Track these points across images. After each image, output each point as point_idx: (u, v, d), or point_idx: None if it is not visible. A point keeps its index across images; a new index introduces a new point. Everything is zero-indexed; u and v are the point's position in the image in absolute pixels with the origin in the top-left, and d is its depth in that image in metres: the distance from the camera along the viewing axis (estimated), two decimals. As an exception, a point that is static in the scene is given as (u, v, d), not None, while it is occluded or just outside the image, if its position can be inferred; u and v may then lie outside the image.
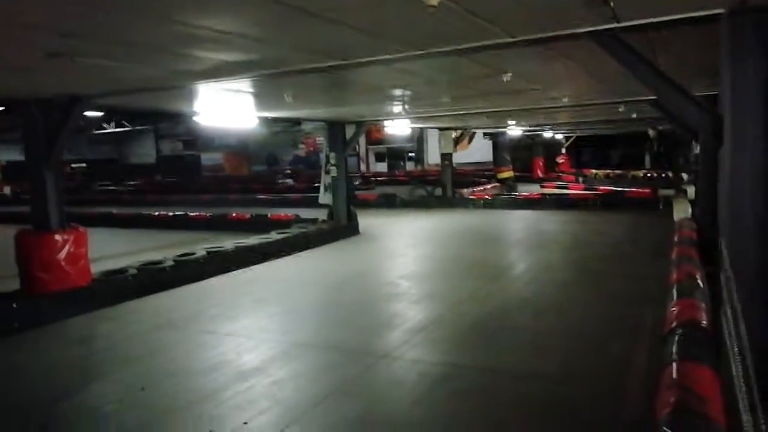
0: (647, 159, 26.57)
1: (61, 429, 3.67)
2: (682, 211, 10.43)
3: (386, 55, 4.18)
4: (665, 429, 2.59)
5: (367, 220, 12.27)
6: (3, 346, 5.21)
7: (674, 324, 4.20)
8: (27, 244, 6.10)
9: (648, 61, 3.92)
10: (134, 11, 2.89)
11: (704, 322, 4.11)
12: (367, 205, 16.67)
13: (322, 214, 11.80)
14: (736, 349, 3.09)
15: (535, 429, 3.41)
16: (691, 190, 12.15)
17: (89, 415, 3.76)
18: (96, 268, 6.68)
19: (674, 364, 3.46)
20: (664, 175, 20.18)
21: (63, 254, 6.08)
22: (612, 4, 3.04)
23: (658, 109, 9.36)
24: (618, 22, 3.43)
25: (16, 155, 29.31)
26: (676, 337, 3.89)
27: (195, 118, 8.57)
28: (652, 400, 3.27)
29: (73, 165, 34.09)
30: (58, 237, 6.12)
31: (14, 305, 5.70)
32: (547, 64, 5.59)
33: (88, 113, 8.36)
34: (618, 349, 4.63)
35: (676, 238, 7.73)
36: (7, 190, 24.77)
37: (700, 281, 5.19)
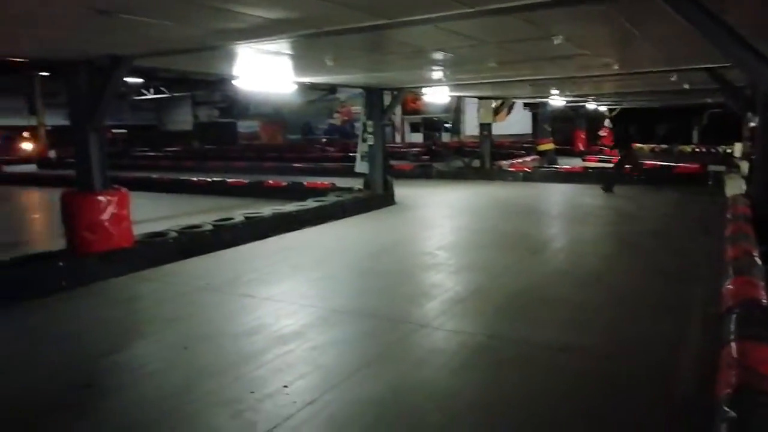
0: (695, 133, 25.49)
1: (106, 384, 3.74)
2: (735, 187, 9.96)
3: (434, 12, 3.97)
4: (727, 409, 2.45)
5: (403, 191, 12.13)
6: (51, 303, 5.34)
7: (732, 302, 4.01)
8: (72, 204, 6.20)
9: (718, 18, 3.62)
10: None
11: (764, 300, 3.91)
12: (404, 175, 16.50)
13: (357, 183, 11.72)
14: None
15: (575, 403, 3.28)
16: (744, 166, 11.56)
17: (134, 372, 3.81)
18: (137, 231, 6.76)
19: (734, 344, 3.29)
20: (713, 150, 19.32)
21: (106, 215, 6.17)
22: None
23: (713, 79, 8.86)
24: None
25: (60, 120, 30.14)
26: (735, 316, 3.70)
27: (233, 82, 8.52)
28: (708, 379, 3.13)
29: (114, 130, 34.84)
30: (101, 198, 6.20)
31: (61, 264, 5.84)
32: (600, 27, 5.27)
33: (129, 79, 8.46)
34: (666, 324, 4.44)
35: (729, 215, 7.39)
36: (52, 153, 25.47)
37: (757, 259, 4.95)
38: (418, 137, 35.08)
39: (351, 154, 20.12)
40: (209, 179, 14.75)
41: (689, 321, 4.56)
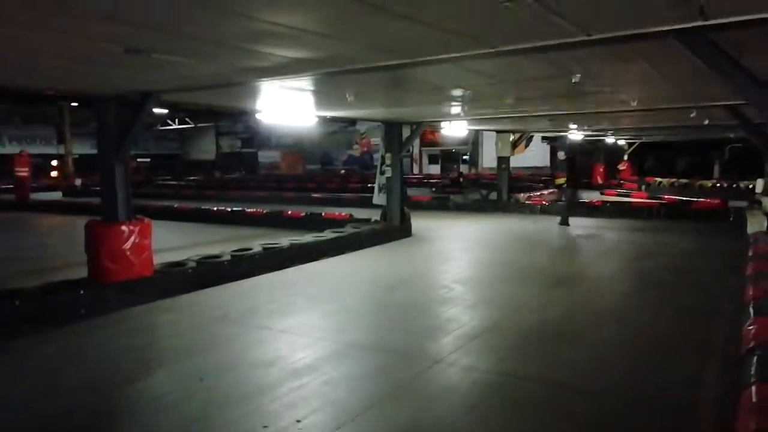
0: (716, 168, 25.23)
1: (125, 413, 3.77)
2: (756, 224, 9.82)
3: (455, 53, 4.08)
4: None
5: (420, 223, 12.17)
6: (71, 331, 5.43)
7: (752, 343, 3.94)
8: (96, 233, 6.35)
9: (738, 62, 3.66)
10: (210, 8, 2.92)
11: (784, 342, 3.83)
12: (420, 207, 16.57)
13: (375, 214, 11.79)
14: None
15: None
16: (766, 202, 11.40)
17: (151, 402, 3.85)
18: (157, 260, 6.88)
19: (754, 387, 3.23)
20: (735, 185, 19.08)
21: (129, 245, 6.30)
22: (701, 0, 2.84)
23: (733, 115, 8.84)
24: (706, 20, 3.20)
25: (87, 149, 30.97)
26: (756, 358, 3.64)
27: (257, 116, 8.73)
28: (728, 424, 3.06)
29: (138, 159, 35.65)
30: (125, 228, 6.34)
31: (82, 292, 5.95)
32: (619, 65, 5.34)
33: (156, 110, 8.74)
34: (685, 366, 4.36)
35: (750, 253, 7.29)
36: (78, 182, 26.10)
37: (779, 299, 4.85)
38: (435, 168, 35.29)
39: (370, 185, 20.31)
40: (229, 209, 14.96)
41: (710, 362, 4.47)
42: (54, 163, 28.71)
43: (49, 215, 17.66)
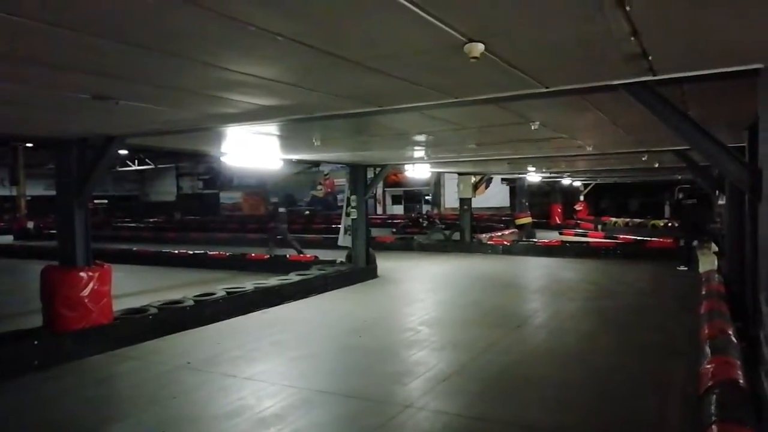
0: (667, 208, 26.33)
1: (80, 473, 3.59)
2: (707, 263, 10.24)
3: (420, 102, 4.23)
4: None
5: (385, 263, 12.20)
6: (22, 385, 5.16)
7: (711, 383, 4.07)
8: (52, 280, 6.13)
9: (683, 112, 3.92)
10: (181, 57, 2.97)
11: (741, 381, 3.98)
12: (385, 247, 16.63)
13: (340, 255, 11.77)
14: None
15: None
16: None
17: (109, 459, 3.68)
18: (117, 306, 6.67)
19: (715, 427, 3.33)
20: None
21: (87, 291, 6.09)
22: (650, 58, 3.06)
23: (681, 159, 9.34)
24: (654, 75, 3.45)
25: (40, 190, 30.02)
26: (714, 397, 3.76)
27: (222, 159, 8.71)
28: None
29: (96, 201, 34.71)
30: (83, 274, 6.14)
31: (36, 342, 5.69)
32: (576, 114, 5.62)
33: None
34: (649, 406, 4.46)
35: (704, 292, 7.57)
36: (30, 224, 25.16)
37: (733, 337, 5.05)
38: (399, 209, 35.61)
39: (334, 226, 20.27)
40: (191, 252, 14.67)
41: (670, 401, 4.59)
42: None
43: (-2, 260, 16.91)
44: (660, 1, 2.26)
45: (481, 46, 2.71)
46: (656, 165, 12.95)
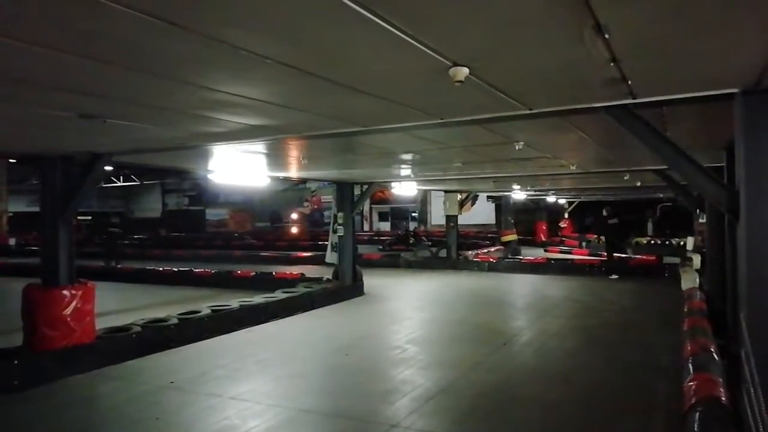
0: (650, 225, 26.68)
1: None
2: (689, 280, 10.38)
3: (408, 123, 4.30)
4: None
5: (371, 280, 12.19)
6: (1, 405, 5.06)
7: (693, 400, 4.12)
8: (35, 298, 6.04)
9: (661, 134, 4.02)
10: (171, 78, 3.00)
11: (724, 398, 4.03)
12: (372, 264, 16.62)
13: (326, 272, 11.74)
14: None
15: None
16: (696, 259, 12.12)
17: (90, 482, 3.61)
18: (100, 325, 6.58)
19: (699, 444, 3.36)
20: (668, 242, 20.19)
21: (70, 310, 6.02)
22: (630, 82, 3.15)
23: (662, 178, 9.52)
24: (634, 99, 3.55)
25: (23, 206, 29.63)
26: (697, 415, 3.80)
27: (209, 176, 8.71)
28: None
29: (79, 217, 34.30)
30: (66, 292, 6.07)
31: (15, 362, 5.59)
32: (559, 135, 5.72)
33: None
34: (634, 423, 4.51)
35: (686, 308, 7.68)
36: (12, 241, 24.77)
37: (715, 355, 5.13)
38: (386, 225, 35.68)
39: (321, 243, 20.22)
40: (176, 269, 14.54)
41: (654, 419, 4.63)
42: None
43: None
44: (637, 30, 2.34)
45: (465, 70, 2.77)
46: (638, 184, 13.17)
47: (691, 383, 4.41)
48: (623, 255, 15.49)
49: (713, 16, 2.22)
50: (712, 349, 5.21)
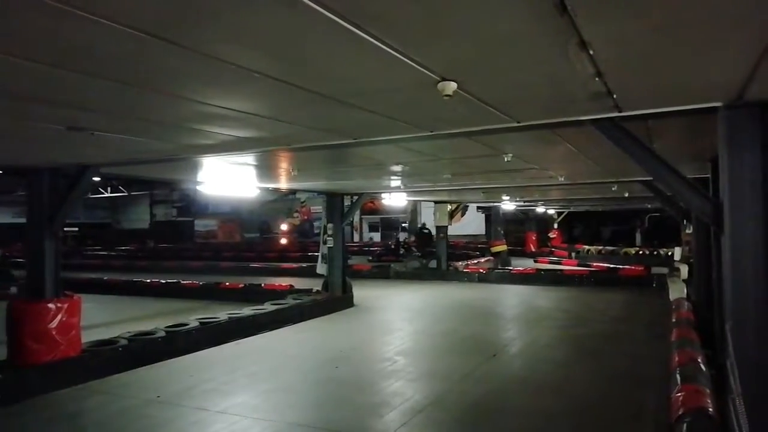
0: (638, 236, 26.91)
1: None
2: (677, 290, 10.47)
3: (397, 135, 4.32)
4: None
5: (361, 292, 12.16)
6: (-15, 420, 4.98)
7: (681, 411, 4.14)
8: (19, 312, 5.96)
9: (647, 147, 4.07)
10: (161, 92, 3.00)
11: (711, 409, 4.06)
12: (362, 275, 16.59)
13: (316, 284, 11.71)
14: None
15: None
16: (684, 270, 12.24)
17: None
18: (86, 338, 6.51)
19: (687, 456, 3.38)
20: (656, 252, 20.37)
21: (55, 323, 5.94)
22: (615, 96, 3.20)
23: (650, 189, 9.62)
24: (620, 112, 3.59)
25: (8, 218, 29.29)
26: (685, 426, 3.82)
27: (198, 187, 8.67)
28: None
29: (66, 229, 33.93)
30: (51, 305, 5.99)
31: (0, 376, 5.50)
32: (547, 147, 5.78)
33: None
34: (623, 433, 4.52)
35: (674, 319, 7.73)
36: (-4, 253, 24.40)
37: (702, 365, 5.16)
38: (376, 236, 35.65)
39: (310, 254, 20.15)
40: (163, 281, 14.42)
41: (643, 429, 4.65)
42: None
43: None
44: (621, 46, 2.38)
45: (454, 85, 2.80)
46: (626, 194, 13.30)
47: (679, 394, 4.44)
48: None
49: (695, 33, 2.27)
50: (700, 360, 5.24)
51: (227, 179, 8.20)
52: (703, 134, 4.83)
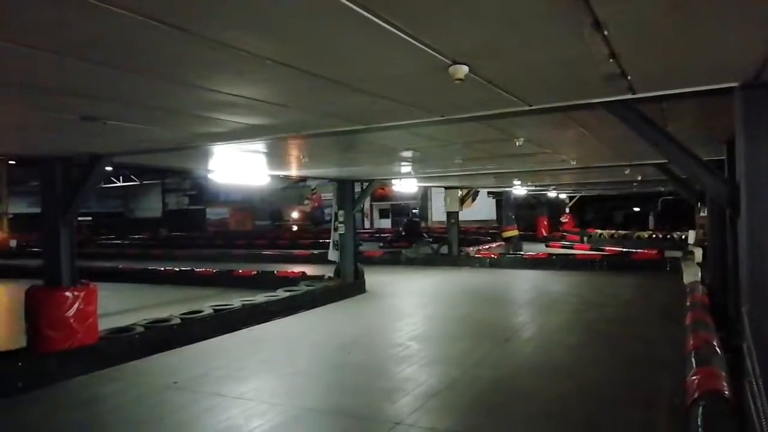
0: (651, 219, 26.66)
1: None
2: (691, 274, 10.38)
3: (408, 120, 4.30)
4: None
5: (373, 278, 12.20)
6: (6, 407, 5.08)
7: (696, 394, 4.12)
8: (37, 300, 6.05)
9: (661, 129, 4.01)
10: (173, 80, 3.00)
11: (726, 392, 4.04)
12: (373, 261, 16.63)
13: (328, 270, 11.76)
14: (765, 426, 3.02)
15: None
16: (698, 253, 12.11)
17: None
18: (102, 325, 6.60)
19: (702, 439, 3.37)
20: (669, 236, 20.19)
21: (72, 311, 6.03)
22: (629, 77, 3.15)
23: (663, 172, 9.51)
24: (634, 94, 3.54)
25: (24, 208, 29.64)
26: (701, 409, 3.81)
27: (210, 175, 8.71)
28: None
29: (79, 218, 34.28)
30: (68, 294, 6.08)
31: (19, 364, 5.60)
32: (559, 130, 5.72)
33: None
34: (637, 418, 4.51)
35: (688, 303, 7.68)
36: (13, 243, 24.78)
37: (717, 348, 5.13)
38: (386, 222, 35.67)
39: (322, 241, 20.23)
40: (177, 269, 14.56)
41: (658, 413, 4.63)
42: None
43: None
44: (636, 26, 2.34)
45: (465, 68, 2.77)
46: (639, 178, 13.17)
47: (694, 377, 4.42)
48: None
49: (712, 11, 2.22)
50: (715, 343, 5.21)
51: (238, 167, 8.22)
52: (718, 116, 4.75)
